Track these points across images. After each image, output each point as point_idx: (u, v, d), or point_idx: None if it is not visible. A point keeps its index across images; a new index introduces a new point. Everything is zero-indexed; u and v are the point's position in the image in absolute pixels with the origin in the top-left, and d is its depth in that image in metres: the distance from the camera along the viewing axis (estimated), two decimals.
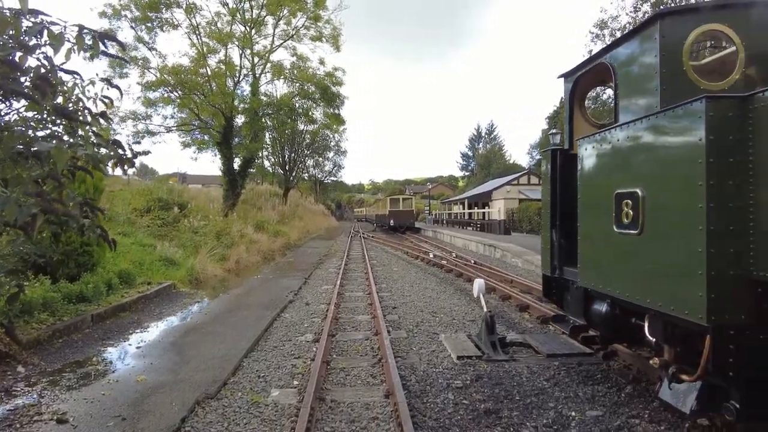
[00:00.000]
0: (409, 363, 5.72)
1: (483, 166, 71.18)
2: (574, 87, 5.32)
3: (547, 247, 5.46)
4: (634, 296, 3.77)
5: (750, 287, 2.99)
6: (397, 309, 8.85)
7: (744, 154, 2.96)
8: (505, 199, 34.24)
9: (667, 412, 4.19)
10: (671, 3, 21.25)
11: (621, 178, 3.88)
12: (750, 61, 3.86)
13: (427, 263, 16.42)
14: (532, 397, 4.68)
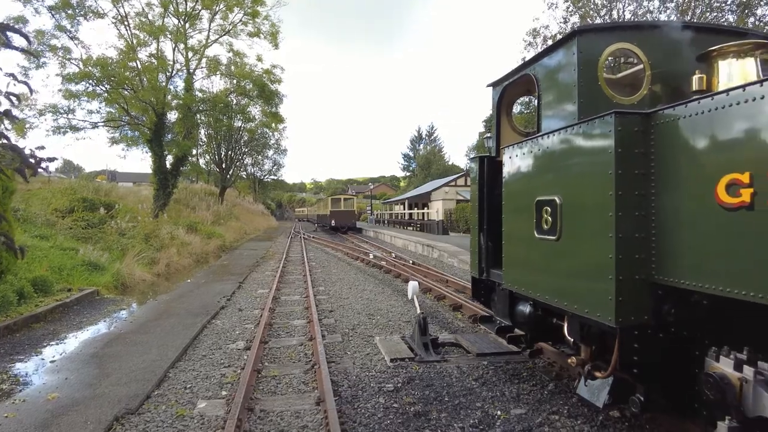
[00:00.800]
0: (342, 368, 5.70)
1: (423, 167, 72.33)
2: (501, 96, 5.51)
3: (475, 250, 5.62)
4: (553, 299, 3.95)
5: (652, 290, 3.21)
6: (334, 312, 8.80)
7: (647, 167, 3.18)
8: (444, 200, 34.98)
9: (584, 406, 4.44)
10: (597, 16, 22.51)
11: (541, 186, 4.06)
12: (655, 79, 4.15)
13: (366, 264, 16.46)
14: (460, 397, 4.80)
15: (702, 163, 2.81)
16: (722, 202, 2.63)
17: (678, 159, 2.98)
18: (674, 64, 4.13)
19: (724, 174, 2.62)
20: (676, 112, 2.99)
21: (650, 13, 21.48)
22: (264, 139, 49.59)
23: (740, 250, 2.57)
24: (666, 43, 4.15)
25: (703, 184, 2.76)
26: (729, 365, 2.79)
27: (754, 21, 19.52)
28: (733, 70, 3.69)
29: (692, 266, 2.90)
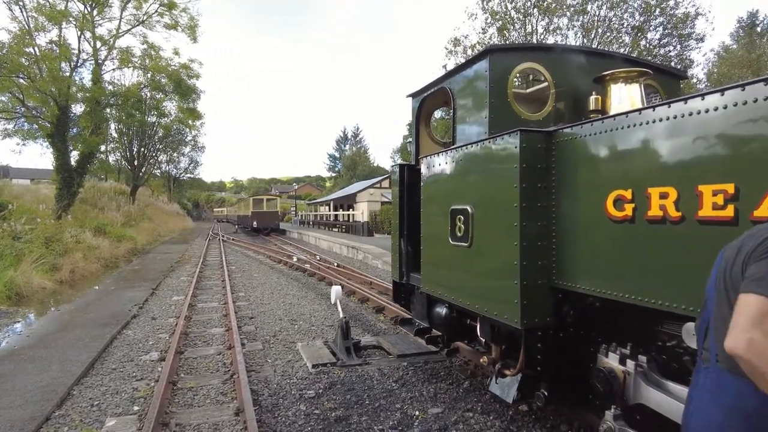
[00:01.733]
0: (263, 376, 5.62)
1: (349, 167, 72.45)
2: (420, 106, 5.71)
3: (396, 255, 5.78)
4: (466, 302, 4.18)
5: (553, 294, 3.51)
6: (254, 319, 8.63)
7: (549, 181, 3.47)
8: (369, 202, 35.29)
9: (496, 402, 4.72)
10: (512, 28, 23.79)
11: (455, 196, 4.28)
12: (559, 97, 4.52)
13: (290, 267, 16.25)
14: (381, 399, 4.92)
15: (594, 179, 3.13)
16: (610, 214, 2.95)
17: (574, 174, 3.29)
18: (575, 85, 4.52)
19: (611, 190, 2.93)
20: (573, 131, 3.29)
21: (560, 29, 23.07)
22: (180, 135, 47.22)
23: (624, 258, 2.89)
24: (568, 65, 4.52)
25: (595, 198, 3.06)
26: (615, 360, 3.12)
27: (645, 43, 21.61)
28: (622, 94, 4.12)
29: (586, 272, 3.20)
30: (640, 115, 2.76)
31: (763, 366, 1.40)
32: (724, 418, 1.61)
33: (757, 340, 1.41)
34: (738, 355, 1.45)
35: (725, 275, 1.66)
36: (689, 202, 2.46)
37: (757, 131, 2.19)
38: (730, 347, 1.47)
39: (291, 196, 72.64)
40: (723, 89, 2.33)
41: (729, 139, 2.31)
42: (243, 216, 43.77)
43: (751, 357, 1.42)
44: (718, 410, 1.63)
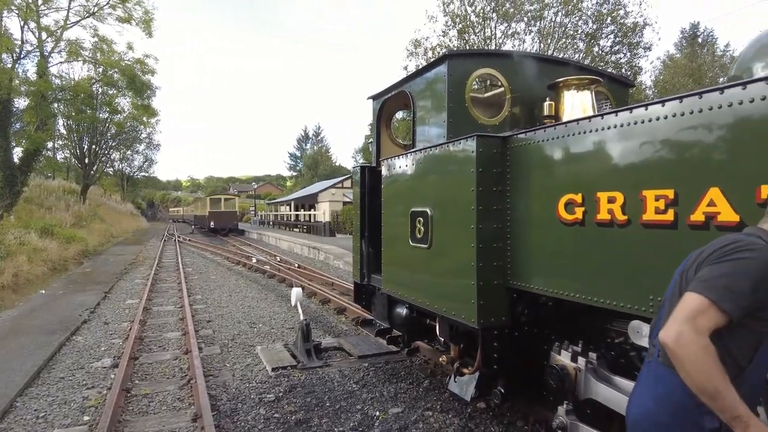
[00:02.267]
0: (221, 381, 5.52)
1: (310, 167, 71.80)
2: (381, 109, 5.75)
3: (357, 256, 5.80)
4: (425, 302, 4.24)
5: (508, 294, 3.62)
6: (212, 322, 8.44)
7: (504, 184, 3.57)
8: (331, 202, 35.14)
9: (455, 400, 4.81)
10: (473, 32, 24.21)
11: (415, 198, 4.34)
12: (515, 102, 4.65)
13: (249, 269, 15.98)
14: (342, 401, 4.93)
15: (546, 183, 3.24)
16: (562, 217, 3.07)
17: (528, 178, 3.40)
18: (530, 91, 4.66)
19: (563, 194, 3.05)
20: (527, 137, 3.40)
21: (517, 34, 23.65)
22: (134, 132, 45.58)
23: (575, 260, 3.02)
24: (523, 72, 4.67)
25: (548, 202, 3.18)
26: (567, 357, 3.24)
27: (598, 50, 22.46)
28: (574, 100, 4.28)
29: (540, 273, 3.32)
30: (590, 122, 2.88)
31: (685, 357, 1.53)
32: (654, 406, 1.73)
33: (685, 333, 1.53)
34: (666, 344, 1.58)
35: (683, 278, 1.78)
36: (634, 206, 2.60)
37: (693, 141, 2.34)
38: (662, 338, 1.60)
39: (250, 196, 71.24)
40: (663, 100, 2.47)
41: (669, 147, 2.45)
42: (200, 216, 42.69)
43: (677, 348, 1.55)
44: (651, 400, 1.76)
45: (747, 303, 1.55)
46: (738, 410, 1.48)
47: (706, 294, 1.57)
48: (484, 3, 23.34)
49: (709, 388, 1.50)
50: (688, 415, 1.63)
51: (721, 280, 1.58)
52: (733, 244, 1.67)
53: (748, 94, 2.11)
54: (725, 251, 1.65)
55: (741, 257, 1.61)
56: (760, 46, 3.02)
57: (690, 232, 2.33)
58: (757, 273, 1.56)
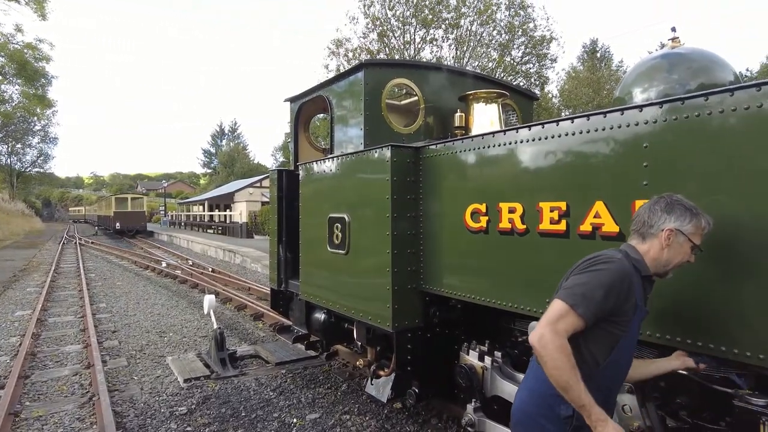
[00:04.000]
0: (128, 395, 5.20)
1: (226, 164, 68.92)
2: (299, 112, 5.71)
3: (274, 261, 5.72)
4: (343, 308, 4.29)
5: (421, 297, 3.76)
6: (118, 333, 7.91)
7: (417, 193, 3.71)
8: (248, 201, 34.05)
9: (372, 402, 4.91)
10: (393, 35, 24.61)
11: (333, 204, 4.37)
12: (428, 112, 4.83)
13: (158, 274, 15.12)
14: (258, 410, 4.84)
15: (455, 193, 3.42)
16: (468, 226, 3.25)
17: (439, 188, 3.56)
18: (442, 101, 4.87)
19: (469, 203, 3.23)
20: (438, 148, 3.56)
21: (435, 40, 24.42)
22: (26, 124, 41.37)
23: (480, 266, 3.21)
24: (436, 83, 4.86)
25: (456, 210, 3.35)
26: (475, 357, 3.44)
27: (510, 60, 23.78)
28: (483, 112, 4.54)
29: (450, 277, 3.49)
30: (493, 138, 3.08)
31: (545, 356, 1.76)
32: (526, 398, 2.03)
33: (546, 335, 1.77)
34: (533, 344, 1.82)
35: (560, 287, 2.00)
36: (532, 216, 2.82)
37: (582, 158, 2.58)
38: (530, 339, 1.84)
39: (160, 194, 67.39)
40: (558, 120, 2.71)
41: (562, 164, 2.69)
42: (104, 216, 39.71)
43: (539, 348, 1.78)
44: (525, 392, 2.06)
45: (599, 309, 1.80)
46: (583, 401, 1.74)
47: (567, 300, 1.81)
48: (404, 8, 23.85)
49: (562, 381, 1.74)
50: (548, 405, 1.90)
51: (580, 288, 1.83)
52: (595, 257, 1.92)
53: (625, 119, 2.37)
54: (588, 263, 1.92)
55: (598, 268, 1.86)
56: (638, 73, 3.39)
57: (580, 240, 2.57)
58: (608, 283, 1.81)
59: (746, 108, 1.97)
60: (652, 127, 2.27)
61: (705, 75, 3.05)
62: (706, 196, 2.08)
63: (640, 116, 2.32)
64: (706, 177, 2.10)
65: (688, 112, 2.15)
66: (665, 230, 1.93)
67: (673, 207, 1.95)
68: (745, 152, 1.98)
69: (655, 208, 1.99)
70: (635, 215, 2.07)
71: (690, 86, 3.04)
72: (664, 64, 3.28)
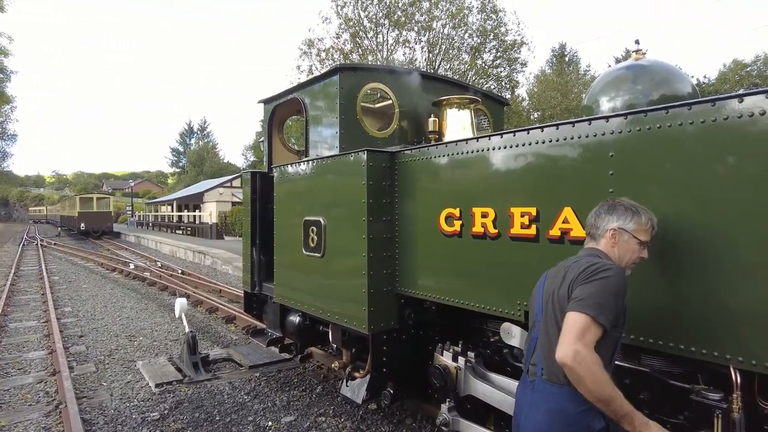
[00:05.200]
0: (97, 402, 5.09)
1: (195, 163, 67.52)
2: (273, 114, 5.69)
3: (247, 264, 5.69)
4: (319, 311, 4.31)
5: (397, 300, 3.82)
6: (85, 338, 7.71)
7: (392, 197, 3.77)
8: (218, 202, 33.53)
9: (347, 404, 4.94)
10: (365, 36, 24.63)
11: (308, 207, 4.39)
12: (403, 116, 4.90)
13: (126, 276, 14.76)
14: (232, 414, 4.81)
15: (429, 197, 3.49)
16: (442, 229, 3.33)
17: (413, 192, 3.63)
18: (416, 106, 4.94)
19: (444, 208, 3.31)
20: (413, 153, 3.63)
21: (408, 42, 24.54)
22: None
23: (454, 268, 3.29)
24: (411, 88, 4.93)
25: (430, 215, 3.43)
26: (449, 357, 3.52)
27: (481, 63, 24.12)
28: (455, 118, 4.64)
29: (424, 280, 3.56)
30: (467, 144, 3.17)
31: (582, 372, 1.75)
32: (549, 420, 1.94)
33: (580, 351, 1.75)
34: (566, 364, 1.78)
35: (552, 298, 2.03)
36: (504, 221, 2.92)
37: (552, 165, 2.69)
38: (560, 357, 1.80)
39: (126, 194, 65.60)
40: (528, 129, 2.81)
41: (533, 170, 2.79)
42: (68, 217, 38.45)
43: (575, 365, 1.75)
44: (543, 416, 1.96)
45: (614, 315, 1.85)
46: (626, 409, 1.77)
47: (587, 312, 1.81)
48: (377, 9, 23.92)
49: (605, 395, 1.75)
50: (579, 422, 1.87)
51: (594, 298, 1.84)
52: (594, 266, 1.95)
53: (592, 129, 2.49)
54: (590, 272, 1.93)
55: (603, 276, 1.89)
56: (604, 83, 3.54)
57: (549, 245, 2.67)
58: (615, 288, 1.87)
59: (702, 121, 2.10)
60: (617, 137, 2.39)
61: (666, 86, 3.22)
62: (666, 201, 2.21)
63: (606, 126, 2.44)
64: (667, 184, 2.22)
65: (651, 123, 2.27)
66: (609, 230, 2.07)
67: (615, 208, 2.08)
68: (700, 161, 2.11)
69: (600, 211, 2.13)
70: (587, 220, 2.19)
71: (653, 96, 3.20)
72: (629, 75, 3.45)
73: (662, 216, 2.17)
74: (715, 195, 2.06)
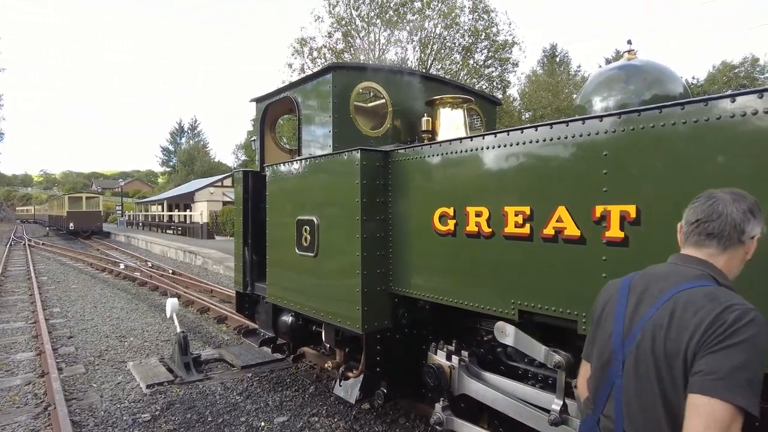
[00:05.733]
0: (87, 404, 5.03)
1: (186, 162, 66.99)
2: (265, 112, 5.66)
3: (239, 264, 5.65)
4: (312, 310, 4.29)
5: (390, 299, 3.82)
6: (74, 338, 7.62)
7: (386, 196, 3.76)
8: (209, 201, 33.30)
9: (341, 404, 4.93)
10: (357, 36, 24.60)
11: (301, 206, 4.37)
12: (396, 115, 4.89)
13: (116, 276, 14.61)
14: (225, 414, 4.78)
15: (423, 196, 3.49)
16: (437, 228, 3.32)
17: (407, 191, 3.62)
18: (410, 105, 4.94)
19: (438, 207, 3.31)
20: (407, 153, 3.62)
21: (400, 42, 24.55)
22: None
23: (448, 268, 3.29)
24: (404, 87, 4.92)
25: (424, 214, 3.42)
26: (443, 356, 3.52)
27: (473, 63, 24.18)
28: (448, 117, 4.64)
29: (419, 279, 3.56)
30: (461, 143, 3.17)
31: None
32: None
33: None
34: None
35: (654, 347, 1.45)
36: (498, 220, 2.92)
37: (546, 165, 2.70)
38: None
39: (116, 193, 65.02)
40: (522, 128, 2.82)
41: (526, 169, 2.79)
42: (56, 216, 38.03)
43: None
44: None
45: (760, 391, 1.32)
46: None
47: (733, 400, 1.26)
48: (369, 8, 23.89)
49: None
50: None
51: (741, 375, 1.28)
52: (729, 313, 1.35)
53: (586, 128, 2.50)
54: (727, 330, 1.33)
55: (747, 337, 1.31)
56: (597, 83, 3.55)
57: (543, 244, 2.68)
58: (761, 349, 1.32)
59: (695, 121, 2.11)
60: (611, 136, 2.40)
61: (658, 86, 3.24)
62: (659, 200, 2.22)
63: (600, 126, 2.45)
64: (660, 183, 2.23)
65: (644, 123, 2.28)
66: (755, 237, 1.53)
67: (756, 209, 1.53)
68: (692, 161, 2.13)
69: (742, 208, 1.51)
70: (709, 214, 1.54)
71: (645, 97, 3.22)
72: (622, 75, 3.46)
73: (654, 215, 2.18)
74: None
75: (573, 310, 2.55)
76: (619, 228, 2.34)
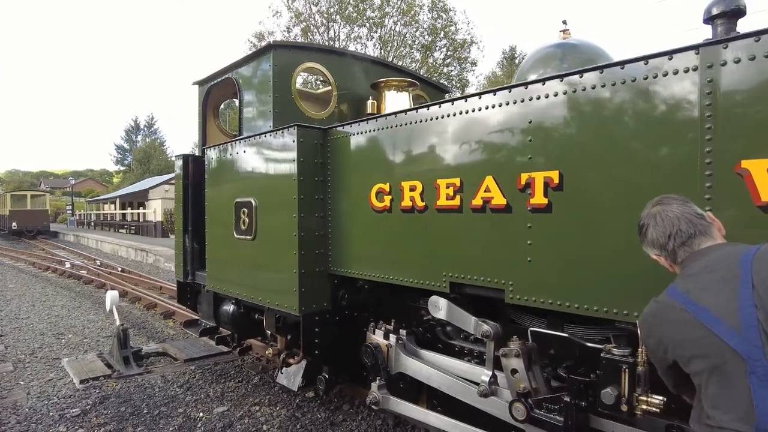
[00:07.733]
0: (11, 402, 4.73)
1: (141, 161, 64.73)
2: (207, 95, 5.47)
3: (179, 252, 5.44)
4: (251, 296, 4.16)
5: (330, 280, 3.73)
6: (5, 337, 7.18)
7: (325, 174, 3.68)
8: (163, 199, 32.20)
9: (284, 393, 4.81)
10: (317, 32, 24.35)
11: (239, 188, 4.23)
12: (341, 98, 4.81)
13: (60, 275, 13.93)
14: (162, 407, 4.58)
15: (361, 174, 3.43)
16: (373, 205, 3.27)
17: (346, 169, 3.55)
18: (355, 88, 4.87)
19: (374, 183, 3.25)
20: (345, 130, 3.55)
21: (360, 38, 24.47)
22: None
23: (385, 244, 3.24)
24: (349, 70, 4.85)
25: (362, 191, 3.36)
26: (381, 336, 3.46)
27: (432, 61, 24.36)
28: (393, 100, 4.59)
29: (357, 258, 3.49)
30: (396, 117, 3.12)
31: None
32: None
33: None
34: None
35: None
36: (431, 193, 2.89)
37: (472, 136, 2.68)
38: None
39: (67, 193, 62.14)
40: (453, 99, 2.80)
41: (456, 141, 2.77)
42: None
43: None
44: None
45: None
46: None
47: None
48: (329, 4, 23.71)
49: None
50: None
51: None
52: None
53: (513, 96, 2.49)
54: None
55: None
56: (534, 60, 3.59)
57: (472, 214, 2.66)
58: None
59: (613, 84, 2.13)
60: (535, 104, 2.40)
61: (592, 65, 3.28)
62: (580, 164, 2.23)
63: (525, 93, 2.45)
64: (580, 147, 2.24)
65: (568, 87, 2.29)
66: (707, 211, 1.74)
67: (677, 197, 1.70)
68: (611, 123, 2.15)
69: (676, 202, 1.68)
70: (671, 225, 1.62)
71: None
72: (558, 53, 3.51)
73: (576, 178, 2.19)
74: (622, 154, 2.09)
75: (500, 279, 2.54)
76: (543, 194, 2.35)
